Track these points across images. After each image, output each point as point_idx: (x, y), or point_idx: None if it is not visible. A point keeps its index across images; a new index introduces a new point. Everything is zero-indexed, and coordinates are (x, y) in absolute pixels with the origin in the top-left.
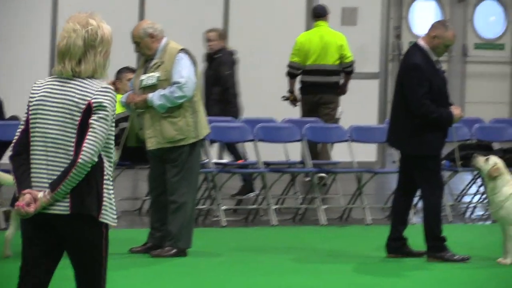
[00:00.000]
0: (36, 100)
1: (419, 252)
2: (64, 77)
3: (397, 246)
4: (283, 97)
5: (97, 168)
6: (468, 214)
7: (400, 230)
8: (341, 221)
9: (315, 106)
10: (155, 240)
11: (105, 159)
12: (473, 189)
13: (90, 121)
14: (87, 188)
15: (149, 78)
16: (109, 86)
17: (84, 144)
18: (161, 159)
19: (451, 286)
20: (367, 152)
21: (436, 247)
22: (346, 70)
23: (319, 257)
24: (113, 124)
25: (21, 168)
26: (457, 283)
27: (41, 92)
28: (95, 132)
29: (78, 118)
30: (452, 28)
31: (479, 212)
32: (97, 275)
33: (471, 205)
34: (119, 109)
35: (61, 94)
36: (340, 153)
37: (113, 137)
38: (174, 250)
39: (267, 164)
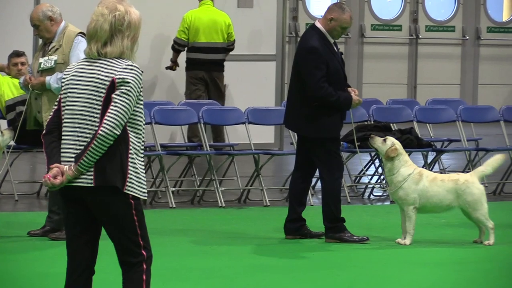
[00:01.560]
0: (67, 81)
1: (317, 233)
2: (92, 58)
3: (295, 228)
4: (167, 67)
5: (121, 141)
6: (366, 195)
7: (298, 211)
8: (239, 203)
9: (204, 83)
10: (53, 223)
11: (131, 134)
12: (371, 170)
13: (113, 95)
14: (110, 160)
15: (47, 61)
16: (135, 65)
17: (105, 117)
18: None
19: (349, 267)
20: (264, 134)
21: (335, 228)
22: (229, 47)
23: (218, 239)
24: (141, 102)
25: (52, 145)
26: (356, 263)
27: (72, 73)
28: (116, 106)
29: (103, 94)
30: (349, 11)
31: (377, 192)
32: (133, 243)
33: (370, 186)
34: (15, 93)
35: (89, 73)
36: (237, 135)
37: (141, 114)
38: None
39: (164, 147)
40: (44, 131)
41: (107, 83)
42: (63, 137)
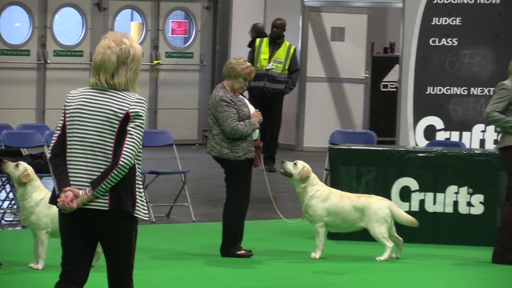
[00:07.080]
0: (73, 108)
1: None
2: (100, 88)
3: None
4: None
5: (131, 169)
6: None
7: None
8: None
9: None
10: None
11: (135, 161)
12: (3, 195)
13: (128, 128)
14: (124, 187)
15: None
16: (143, 98)
17: (124, 149)
18: None
19: None
20: None
21: None
22: None
23: None
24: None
25: (60, 168)
26: None
27: (78, 100)
28: (133, 138)
29: (117, 126)
30: None
31: (8, 218)
32: (129, 264)
33: (1, 211)
34: None
35: (99, 103)
36: None
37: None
38: None
39: None
40: (50, 155)
41: (121, 115)
42: (70, 163)
